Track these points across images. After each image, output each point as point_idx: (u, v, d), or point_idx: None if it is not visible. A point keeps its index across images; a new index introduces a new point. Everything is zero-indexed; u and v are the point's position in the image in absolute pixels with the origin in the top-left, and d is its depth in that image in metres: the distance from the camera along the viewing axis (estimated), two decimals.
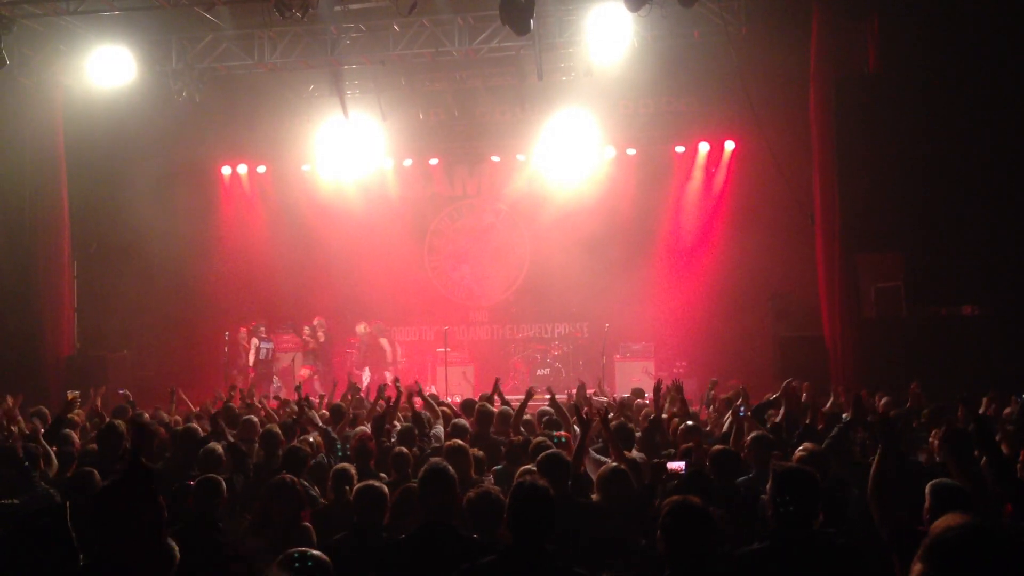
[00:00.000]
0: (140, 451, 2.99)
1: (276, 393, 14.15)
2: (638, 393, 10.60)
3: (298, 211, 17.04)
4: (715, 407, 9.37)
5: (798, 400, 8.47)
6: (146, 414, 8.90)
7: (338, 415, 8.31)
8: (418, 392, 9.32)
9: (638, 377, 14.17)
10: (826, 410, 7.80)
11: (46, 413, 8.70)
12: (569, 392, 10.57)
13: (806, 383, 10.32)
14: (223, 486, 5.03)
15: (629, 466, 5.36)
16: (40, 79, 13.88)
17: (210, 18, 12.80)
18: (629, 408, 9.24)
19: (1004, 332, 11.09)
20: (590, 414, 6.02)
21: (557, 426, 7.22)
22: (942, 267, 11.64)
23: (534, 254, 17.16)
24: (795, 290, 14.26)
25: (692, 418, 7.52)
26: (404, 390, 8.67)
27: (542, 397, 8.98)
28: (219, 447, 6.24)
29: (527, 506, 3.60)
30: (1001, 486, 4.28)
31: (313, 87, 16.16)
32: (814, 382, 10.65)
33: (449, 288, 17.82)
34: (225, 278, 16.61)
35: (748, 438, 6.11)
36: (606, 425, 5.76)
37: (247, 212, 17.43)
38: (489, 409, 7.71)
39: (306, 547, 3.31)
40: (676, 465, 5.48)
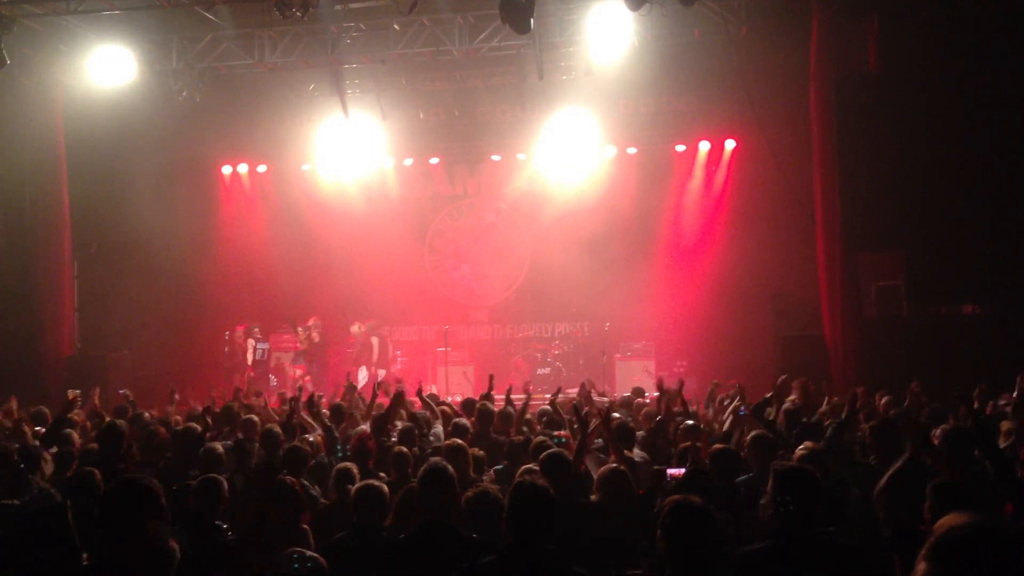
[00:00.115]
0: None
1: (273, 392, 14.12)
2: (638, 392, 10.61)
3: (298, 211, 17.03)
4: (715, 407, 9.38)
5: (808, 393, 8.42)
6: (147, 414, 8.91)
7: (338, 415, 8.31)
8: (417, 392, 9.32)
9: (638, 376, 14.16)
10: (823, 410, 7.81)
11: (46, 413, 8.70)
12: (567, 391, 10.56)
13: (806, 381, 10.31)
14: (224, 486, 5.03)
15: (629, 466, 5.37)
16: (40, 79, 13.88)
17: (210, 17, 12.80)
18: (630, 407, 9.25)
19: (1005, 331, 11.08)
20: (590, 414, 6.02)
21: (557, 426, 7.22)
22: (943, 266, 11.63)
23: (535, 253, 17.15)
24: (795, 289, 14.24)
25: (692, 417, 7.53)
26: (391, 388, 8.64)
27: (542, 397, 8.98)
28: (219, 447, 6.24)
29: (527, 506, 3.60)
30: (1001, 485, 4.28)
31: (313, 86, 16.16)
32: (815, 381, 10.64)
33: (449, 287, 17.82)
34: (226, 278, 16.59)
35: (748, 437, 6.11)
36: (607, 425, 5.76)
37: (248, 212, 17.41)
38: (490, 408, 7.71)
39: (304, 549, 3.31)
40: (676, 472, 5.47)
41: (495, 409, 7.76)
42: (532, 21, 10.24)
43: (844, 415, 6.39)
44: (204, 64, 13.71)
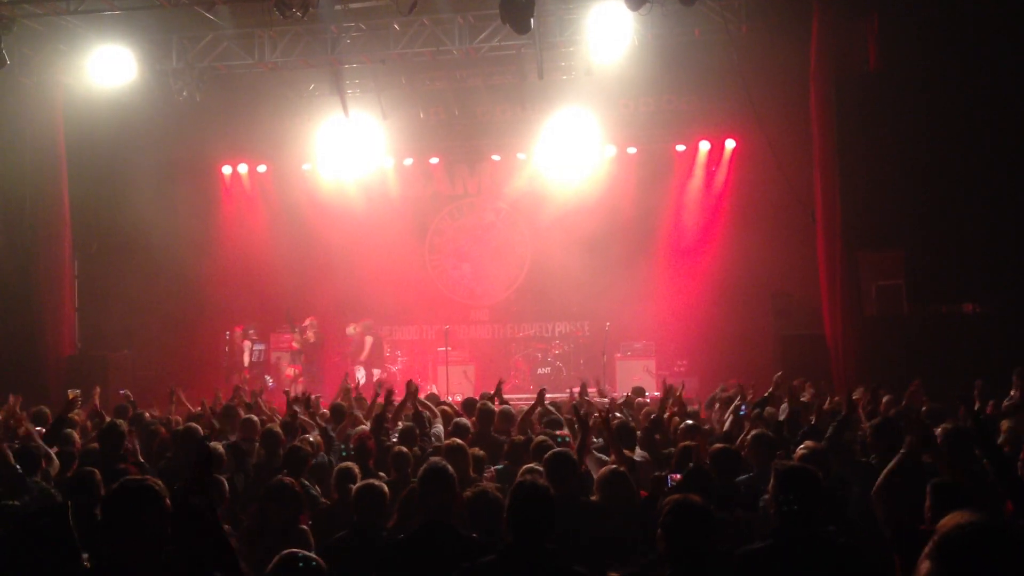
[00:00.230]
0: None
1: (270, 392, 14.13)
2: (639, 392, 10.61)
3: (299, 210, 17.03)
4: (716, 407, 9.38)
5: (798, 397, 8.45)
6: (147, 414, 8.91)
7: (339, 415, 8.31)
8: (413, 394, 9.30)
9: (639, 376, 14.18)
10: (825, 409, 7.80)
11: (47, 413, 8.69)
12: (572, 391, 10.54)
13: (808, 382, 10.33)
14: (224, 486, 5.03)
15: (629, 466, 5.36)
16: (41, 79, 13.88)
17: (210, 17, 12.80)
18: (630, 407, 9.24)
19: (1005, 330, 11.08)
20: (589, 415, 6.02)
21: (558, 425, 7.22)
22: (943, 265, 11.63)
23: (535, 253, 17.15)
24: (796, 288, 14.23)
25: (692, 417, 7.53)
26: (382, 389, 8.64)
27: (551, 399, 8.97)
28: (219, 447, 6.24)
29: (527, 505, 3.60)
30: (1001, 485, 4.27)
31: (313, 86, 16.16)
32: (815, 381, 10.65)
33: (450, 287, 17.82)
34: (226, 278, 16.60)
35: (748, 437, 6.11)
36: (607, 425, 5.76)
37: (248, 211, 17.42)
38: (490, 408, 7.71)
39: (303, 550, 3.31)
40: (676, 476, 5.46)
41: (495, 408, 7.76)
42: (532, 21, 10.25)
43: (843, 414, 6.38)
44: (204, 64, 13.71)
